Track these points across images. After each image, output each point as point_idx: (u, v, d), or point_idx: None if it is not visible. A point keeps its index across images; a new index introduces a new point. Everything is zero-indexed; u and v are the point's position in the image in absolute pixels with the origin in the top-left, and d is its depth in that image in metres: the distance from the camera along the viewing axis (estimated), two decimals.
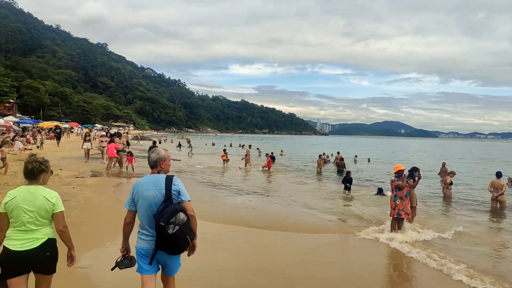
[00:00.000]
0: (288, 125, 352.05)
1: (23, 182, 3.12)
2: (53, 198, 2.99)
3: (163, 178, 3.21)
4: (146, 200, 3.14)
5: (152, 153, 3.35)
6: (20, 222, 2.87)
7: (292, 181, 17.42)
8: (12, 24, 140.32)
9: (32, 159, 3.06)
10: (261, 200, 12.02)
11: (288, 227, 8.32)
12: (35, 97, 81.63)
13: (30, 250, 2.86)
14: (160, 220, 2.97)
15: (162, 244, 3.02)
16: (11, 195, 2.93)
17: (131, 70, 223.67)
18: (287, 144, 71.91)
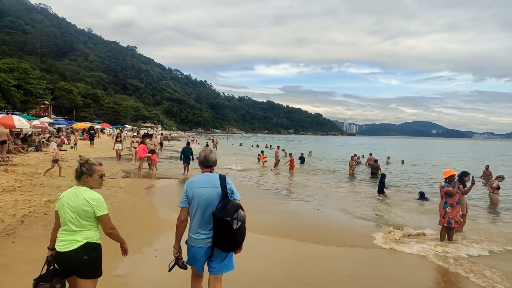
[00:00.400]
0: (314, 125, 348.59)
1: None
2: (93, 200, 2.94)
3: (217, 177, 3.29)
4: (201, 197, 3.18)
5: (212, 154, 3.46)
6: (64, 222, 2.93)
7: (328, 184, 16.81)
8: (47, 29, 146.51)
9: (78, 160, 3.12)
10: (301, 205, 11.52)
11: (331, 237, 7.79)
12: (68, 99, 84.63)
13: (69, 252, 2.87)
14: (225, 215, 3.03)
15: (222, 240, 3.09)
16: (61, 195, 3.03)
17: (160, 72, 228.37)
18: (314, 145, 70.82)
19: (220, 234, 3.07)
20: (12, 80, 54.37)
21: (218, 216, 3.06)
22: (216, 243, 3.13)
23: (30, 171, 12.72)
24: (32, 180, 11.11)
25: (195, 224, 3.24)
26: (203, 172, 3.40)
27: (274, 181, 16.80)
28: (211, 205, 3.17)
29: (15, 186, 9.81)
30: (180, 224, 3.32)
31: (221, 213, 3.06)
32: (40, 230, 6.35)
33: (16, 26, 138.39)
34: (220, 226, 3.04)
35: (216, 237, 3.11)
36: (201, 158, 3.43)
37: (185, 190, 3.30)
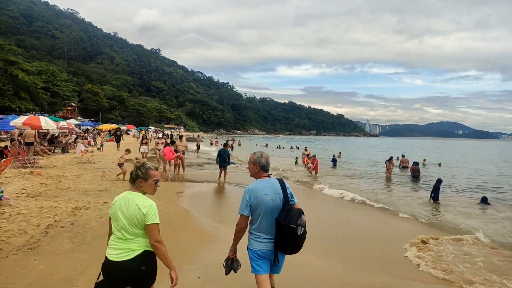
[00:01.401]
0: (336, 126, 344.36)
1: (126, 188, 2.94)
2: (145, 208, 2.70)
3: (277, 182, 3.31)
4: (266, 204, 3.18)
5: (269, 158, 3.41)
6: (117, 229, 2.73)
7: (371, 188, 15.62)
8: (75, 33, 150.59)
9: (134, 162, 2.91)
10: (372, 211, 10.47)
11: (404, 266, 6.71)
12: (94, 100, 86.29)
13: (123, 262, 2.64)
14: (291, 222, 3.07)
15: (286, 245, 3.15)
16: (114, 200, 2.83)
17: (182, 74, 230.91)
18: (338, 146, 69.07)
19: (285, 239, 3.12)
20: (40, 82, 55.58)
21: (282, 223, 3.09)
22: (280, 247, 3.19)
23: (57, 174, 12.17)
24: (58, 183, 10.51)
25: (259, 229, 3.23)
26: (262, 177, 3.35)
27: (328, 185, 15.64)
28: (274, 211, 3.18)
29: (40, 191, 9.19)
30: (240, 230, 3.29)
31: (286, 220, 3.09)
32: (66, 244, 5.58)
33: (45, 31, 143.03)
34: (284, 232, 3.09)
35: (280, 242, 3.16)
36: (262, 163, 3.34)
37: (248, 198, 3.22)
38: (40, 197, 8.48)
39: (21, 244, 5.38)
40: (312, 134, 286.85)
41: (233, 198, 11.53)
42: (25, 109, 45.63)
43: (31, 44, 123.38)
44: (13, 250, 5.13)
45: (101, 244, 5.65)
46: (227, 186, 13.24)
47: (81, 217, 7.05)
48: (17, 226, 6.05)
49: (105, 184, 11.09)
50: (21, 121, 14.24)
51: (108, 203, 8.26)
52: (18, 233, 5.75)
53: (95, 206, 7.97)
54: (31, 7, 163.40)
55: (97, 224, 6.69)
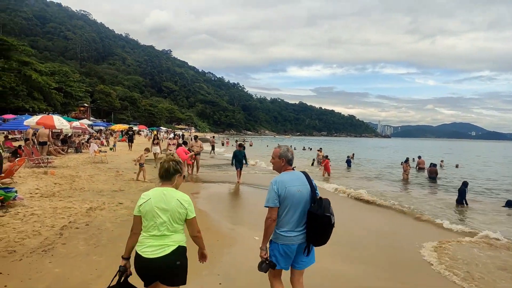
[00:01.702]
0: (347, 127, 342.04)
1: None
2: (186, 202, 2.79)
3: (302, 174, 3.33)
4: (294, 196, 3.17)
5: (293, 152, 3.45)
6: (154, 226, 2.70)
7: (389, 189, 15.19)
8: (87, 34, 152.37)
9: (169, 158, 2.89)
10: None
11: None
12: (106, 101, 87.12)
13: (160, 258, 2.65)
14: (325, 211, 3.08)
15: (320, 235, 3.14)
16: (146, 197, 2.76)
17: (193, 74, 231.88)
18: (350, 147, 68.30)
19: (319, 230, 3.12)
20: (53, 83, 56.24)
21: (317, 213, 3.09)
22: (312, 238, 3.18)
23: (70, 174, 12.06)
24: (72, 183, 10.38)
25: (286, 222, 3.19)
26: (287, 170, 3.36)
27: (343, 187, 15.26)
28: (302, 203, 3.18)
29: (54, 191, 9.05)
30: (271, 224, 3.19)
31: (319, 210, 3.10)
32: (81, 246, 5.38)
33: (58, 32, 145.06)
34: (319, 222, 3.10)
35: (313, 233, 3.16)
36: (289, 156, 3.37)
37: (276, 189, 3.18)
38: (54, 197, 8.34)
39: (35, 246, 5.19)
40: (323, 135, 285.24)
41: (249, 199, 11.32)
42: (38, 109, 46.18)
43: (44, 45, 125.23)
44: (27, 252, 4.94)
45: (116, 246, 5.44)
46: (242, 187, 12.97)
47: (96, 218, 6.86)
48: (31, 227, 5.88)
49: (119, 184, 10.94)
50: (34, 121, 14.21)
51: (123, 204, 8.09)
52: (32, 235, 5.57)
53: (110, 207, 7.78)
54: (44, 8, 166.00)
55: (112, 225, 6.49)
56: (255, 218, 8.02)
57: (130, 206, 7.95)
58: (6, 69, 45.66)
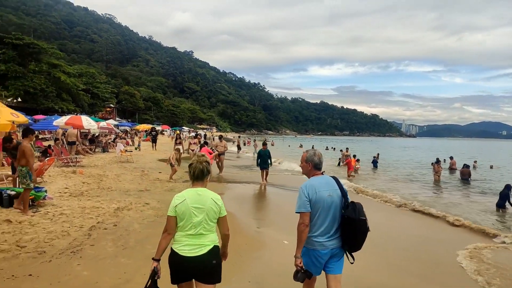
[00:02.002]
0: (370, 126, 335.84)
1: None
2: (219, 201, 2.86)
3: (332, 179, 3.26)
4: (325, 200, 3.12)
5: (322, 156, 3.37)
6: (191, 225, 2.76)
7: (420, 192, 14.60)
8: (112, 37, 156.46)
9: (202, 159, 2.92)
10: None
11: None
12: (131, 102, 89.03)
13: (198, 257, 2.72)
14: (361, 215, 3.03)
15: (356, 240, 3.07)
16: (181, 198, 2.81)
17: (214, 75, 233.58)
18: (373, 147, 66.81)
19: (355, 234, 3.06)
20: (81, 84, 57.84)
21: (352, 217, 3.03)
22: (348, 243, 3.13)
23: (98, 173, 12.18)
24: (99, 183, 10.44)
25: (318, 227, 3.14)
26: (315, 175, 3.31)
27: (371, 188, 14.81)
28: (333, 207, 3.13)
29: (82, 190, 9.10)
30: (305, 229, 3.12)
31: (354, 214, 3.04)
32: (110, 248, 5.29)
33: (84, 35, 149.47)
34: (355, 226, 3.03)
35: (348, 237, 3.11)
36: (315, 161, 3.30)
37: (307, 194, 3.13)
38: (82, 197, 8.37)
39: (64, 247, 5.14)
40: (345, 134, 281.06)
41: (274, 200, 11.09)
42: (67, 110, 47.51)
43: (72, 48, 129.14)
44: (57, 254, 4.88)
45: (144, 248, 5.33)
46: (268, 187, 12.73)
47: (124, 218, 6.79)
48: (60, 228, 5.85)
49: (145, 184, 10.94)
50: (63, 121, 14.52)
51: (149, 204, 8.02)
52: (61, 235, 5.54)
53: (137, 207, 7.72)
54: (71, 13, 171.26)
55: (139, 226, 6.40)
56: (282, 221, 7.79)
57: (156, 207, 7.87)
58: (36, 72, 47.26)
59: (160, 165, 17.02)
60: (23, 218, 6.11)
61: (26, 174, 6.49)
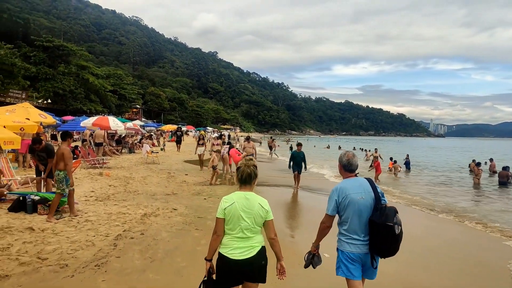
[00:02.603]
0: (396, 126, 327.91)
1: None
2: (266, 205, 2.86)
3: (366, 181, 3.17)
4: (357, 203, 3.05)
5: (355, 157, 3.26)
6: (239, 229, 2.78)
7: (464, 197, 13.56)
8: (139, 39, 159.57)
9: (250, 163, 2.93)
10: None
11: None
12: (157, 103, 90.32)
13: (248, 259, 2.74)
14: (387, 220, 2.91)
15: (383, 246, 2.95)
16: (229, 201, 2.82)
17: (238, 75, 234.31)
18: (401, 147, 64.60)
19: (381, 240, 2.93)
20: (108, 85, 59.00)
21: (378, 222, 2.92)
22: (376, 249, 3.00)
23: (124, 175, 11.94)
24: (126, 186, 10.16)
25: (351, 230, 3.07)
26: (348, 177, 3.24)
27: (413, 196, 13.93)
28: (366, 210, 3.04)
29: (109, 193, 8.81)
30: (324, 229, 3.18)
31: (381, 219, 2.93)
32: (137, 260, 4.85)
33: (112, 38, 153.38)
34: (381, 232, 2.91)
35: (375, 243, 2.98)
36: (343, 162, 3.24)
37: (337, 197, 3.11)
38: (108, 201, 8.05)
39: (88, 259, 4.74)
40: (370, 134, 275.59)
41: (309, 206, 10.35)
42: (95, 111, 48.48)
43: (100, 50, 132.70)
44: (80, 267, 4.48)
45: (174, 261, 4.88)
46: (301, 192, 12.06)
47: (151, 225, 6.37)
48: (85, 237, 5.48)
49: (172, 187, 10.57)
50: (90, 122, 14.44)
51: (177, 210, 7.60)
52: (86, 245, 5.15)
53: (164, 213, 7.30)
54: (100, 16, 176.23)
55: (168, 235, 5.95)
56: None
57: (184, 213, 7.43)
58: (66, 73, 48.49)
59: (186, 166, 16.74)
60: (46, 225, 5.79)
61: (63, 179, 6.28)
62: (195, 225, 6.67)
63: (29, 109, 13.52)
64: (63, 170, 6.28)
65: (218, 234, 2.81)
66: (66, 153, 6.35)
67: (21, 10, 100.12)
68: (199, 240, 5.82)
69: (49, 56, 47.92)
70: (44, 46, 47.58)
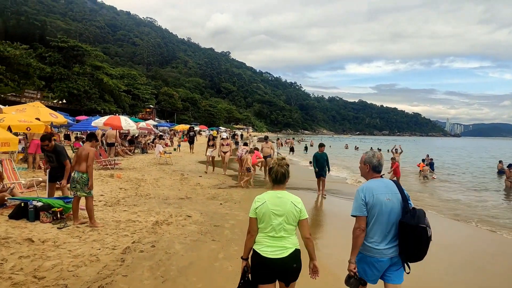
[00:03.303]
0: (411, 125, 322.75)
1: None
2: (299, 204, 2.81)
3: (392, 183, 3.07)
4: (383, 204, 2.90)
5: (383, 158, 3.15)
6: (271, 228, 2.76)
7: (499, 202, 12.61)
8: (153, 40, 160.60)
9: (283, 163, 2.89)
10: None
11: None
12: (170, 102, 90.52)
13: (279, 259, 2.72)
14: (420, 222, 2.77)
15: (415, 248, 2.80)
16: (261, 200, 2.81)
17: (251, 75, 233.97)
18: (418, 147, 62.88)
19: (414, 242, 2.79)
20: (122, 85, 59.15)
21: (411, 224, 2.78)
22: (405, 252, 2.86)
23: (136, 177, 11.40)
24: (137, 188, 9.60)
25: (375, 232, 2.91)
26: (374, 177, 3.09)
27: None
28: (392, 212, 2.90)
29: (119, 197, 8.25)
30: (360, 235, 2.88)
31: (413, 220, 2.79)
32: (146, 280, 4.22)
33: (127, 39, 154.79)
34: (413, 234, 2.77)
35: (406, 246, 2.84)
36: (374, 163, 3.07)
37: (363, 197, 2.93)
38: (118, 206, 7.48)
39: (91, 277, 4.13)
40: (384, 134, 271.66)
41: (337, 213, 9.52)
42: (109, 111, 48.54)
43: (115, 51, 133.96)
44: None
45: (189, 281, 4.24)
46: (328, 196, 11.27)
47: (163, 236, 5.75)
48: (89, 250, 4.87)
49: (185, 190, 9.96)
50: (102, 121, 13.96)
51: (191, 217, 6.97)
52: (89, 261, 4.54)
53: (178, 220, 6.68)
54: (115, 17, 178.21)
55: (181, 248, 5.31)
56: (346, 240, 6.44)
57: (199, 221, 6.79)
58: (80, 74, 48.71)
59: (200, 167, 16.13)
60: (47, 236, 5.20)
61: (87, 181, 5.87)
62: (211, 235, 6.02)
63: (40, 109, 13.16)
64: (86, 172, 5.89)
65: (251, 234, 2.83)
66: (91, 154, 5.97)
67: (38, 13, 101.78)
68: (216, 254, 5.16)
69: (64, 56, 48.20)
70: (59, 47, 47.88)
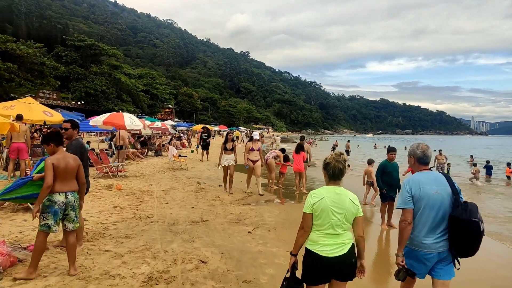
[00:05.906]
0: (435, 124, 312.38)
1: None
2: (356, 200, 2.72)
3: (441, 176, 2.93)
4: (430, 197, 2.78)
5: (429, 149, 3.04)
6: (329, 225, 2.63)
7: None
8: (173, 41, 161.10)
9: (341, 158, 2.77)
10: None
11: None
12: (189, 103, 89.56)
13: (339, 257, 2.60)
14: (472, 216, 2.65)
15: (466, 243, 2.68)
16: (319, 196, 2.68)
17: (270, 74, 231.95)
18: (446, 147, 58.55)
19: (464, 237, 2.66)
20: (140, 85, 57.86)
21: (462, 218, 2.65)
22: (456, 247, 2.73)
23: (140, 189, 9.18)
24: (138, 207, 7.35)
25: (422, 226, 2.80)
26: (420, 170, 2.97)
27: None
28: (441, 206, 2.77)
29: (107, 224, 6.00)
30: (406, 227, 2.80)
31: (465, 214, 2.66)
32: None
33: (147, 40, 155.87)
34: (465, 228, 2.64)
35: (456, 241, 2.70)
36: (418, 154, 2.97)
37: (410, 189, 2.83)
38: (100, 242, 5.20)
39: None
40: (407, 133, 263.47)
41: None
42: (127, 111, 47.24)
43: (136, 53, 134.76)
44: None
45: None
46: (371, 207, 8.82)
47: None
48: None
49: (201, 209, 7.61)
50: (101, 120, 11.80)
51: (207, 263, 4.57)
52: None
53: (184, 271, 4.28)
54: (135, 20, 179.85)
55: None
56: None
57: (219, 271, 4.34)
58: (98, 73, 47.58)
59: (219, 173, 13.73)
60: None
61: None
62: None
63: (32, 105, 11.17)
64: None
65: (305, 230, 2.68)
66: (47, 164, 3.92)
67: (61, 16, 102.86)
68: None
69: (81, 55, 47.20)
70: (75, 46, 46.90)
